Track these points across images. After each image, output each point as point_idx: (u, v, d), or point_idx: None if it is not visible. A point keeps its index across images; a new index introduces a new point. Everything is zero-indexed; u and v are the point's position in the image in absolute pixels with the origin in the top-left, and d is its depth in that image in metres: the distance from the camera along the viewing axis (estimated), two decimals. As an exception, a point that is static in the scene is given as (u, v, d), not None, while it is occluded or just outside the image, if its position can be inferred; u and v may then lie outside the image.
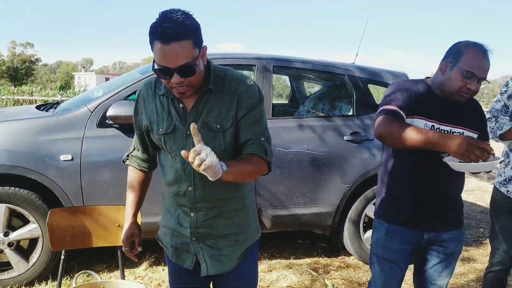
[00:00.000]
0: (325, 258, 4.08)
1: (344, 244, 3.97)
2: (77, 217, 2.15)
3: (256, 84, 1.61)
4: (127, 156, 1.82)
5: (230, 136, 1.54)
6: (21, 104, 16.22)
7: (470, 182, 8.00)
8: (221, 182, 1.40)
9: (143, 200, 1.87)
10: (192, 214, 1.60)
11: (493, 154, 1.85)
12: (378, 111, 1.98)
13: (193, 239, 1.63)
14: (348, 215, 3.82)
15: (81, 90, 24.03)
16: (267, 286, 3.44)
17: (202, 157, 1.21)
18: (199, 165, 1.21)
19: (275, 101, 6.82)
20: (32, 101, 16.99)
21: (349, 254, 4.08)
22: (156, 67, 1.42)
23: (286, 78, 5.36)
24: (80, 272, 2.12)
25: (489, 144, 1.74)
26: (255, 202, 1.78)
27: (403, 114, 1.90)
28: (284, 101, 6.18)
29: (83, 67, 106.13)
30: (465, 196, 6.83)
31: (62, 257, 2.11)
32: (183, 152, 1.23)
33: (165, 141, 1.58)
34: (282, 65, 3.90)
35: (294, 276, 3.65)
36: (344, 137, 3.73)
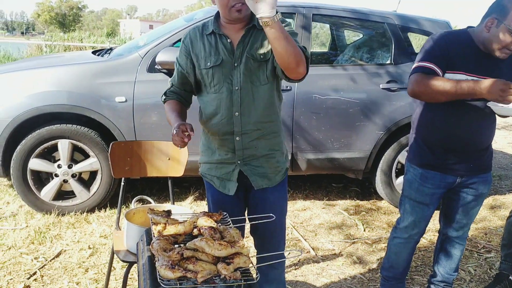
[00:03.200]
0: (357, 201, 4.31)
1: (376, 189, 4.17)
2: (133, 150, 2.46)
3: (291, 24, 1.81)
4: (165, 93, 1.97)
5: (271, 65, 1.78)
6: (71, 50, 16.88)
7: (514, 135, 7.86)
8: (267, 105, 1.77)
9: (185, 119, 1.91)
10: (237, 138, 1.85)
11: None
12: (413, 67, 2.06)
13: (239, 162, 1.88)
14: (381, 161, 3.99)
15: (128, 37, 24.50)
16: (301, 223, 3.74)
17: None
18: None
19: (315, 50, 6.86)
20: (81, 47, 17.61)
21: (381, 198, 4.28)
22: None
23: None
24: (137, 197, 2.45)
25: None
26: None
27: (438, 70, 1.98)
28: (325, 50, 6.22)
29: (128, 14, 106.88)
30: (507, 148, 6.78)
31: (122, 183, 2.44)
32: None
33: (213, 73, 1.81)
34: (322, 13, 3.98)
35: (326, 215, 3.92)
36: (380, 85, 3.82)
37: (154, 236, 1.51)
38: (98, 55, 4.18)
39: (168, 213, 1.74)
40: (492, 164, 2.28)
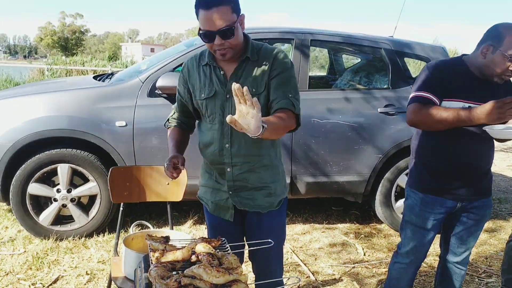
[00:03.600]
0: (357, 224, 4.29)
1: (376, 212, 4.16)
2: (133, 174, 2.47)
3: (287, 55, 1.83)
4: (168, 120, 2.06)
5: (264, 99, 1.78)
6: (72, 74, 17.06)
7: (513, 158, 7.88)
8: (254, 140, 1.66)
9: (184, 150, 1.98)
10: (228, 169, 1.86)
11: None
12: (411, 97, 2.10)
13: (230, 192, 1.89)
14: (381, 184, 3.99)
15: (129, 61, 24.78)
16: (300, 247, 3.71)
17: (253, 113, 1.40)
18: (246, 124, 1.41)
19: (314, 74, 6.95)
20: (83, 71, 17.78)
21: (381, 222, 4.27)
22: (201, 32, 1.69)
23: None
24: (135, 222, 2.44)
25: None
26: (282, 162, 2.00)
27: (435, 99, 2.01)
28: (323, 74, 6.30)
29: (130, 38, 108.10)
30: (506, 171, 6.78)
31: (121, 208, 2.44)
32: (228, 118, 1.40)
33: (207, 104, 1.84)
34: (319, 39, 4.04)
35: (326, 239, 3.90)
36: (378, 109, 3.86)
37: (152, 263, 1.51)
38: (99, 80, 4.23)
39: (166, 239, 1.73)
40: (492, 189, 2.29)
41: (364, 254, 3.61)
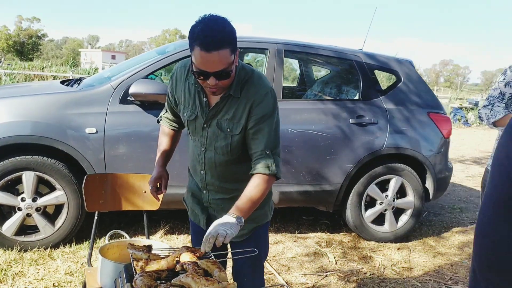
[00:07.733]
0: (328, 233, 4.33)
1: (346, 221, 4.22)
2: (108, 183, 2.40)
3: (273, 94, 1.73)
4: (160, 117, 2.04)
5: (237, 141, 1.73)
6: (32, 80, 16.46)
7: (470, 169, 8.22)
8: (228, 174, 1.75)
9: (173, 153, 2.06)
10: (204, 191, 1.88)
11: None
12: None
13: (208, 208, 1.91)
14: (351, 194, 4.06)
15: (91, 67, 24.17)
16: (273, 257, 3.71)
17: (221, 240, 1.49)
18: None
19: (287, 85, 7.02)
20: (43, 77, 17.19)
21: (351, 231, 4.33)
22: (194, 69, 1.59)
23: (293, 61, 5.58)
24: (111, 231, 2.37)
25: None
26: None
27: None
28: (292, 84, 6.38)
29: (89, 44, 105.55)
30: (465, 181, 7.06)
31: (96, 217, 2.36)
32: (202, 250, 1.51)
33: (189, 125, 1.83)
34: (293, 50, 4.10)
35: (298, 248, 3.91)
36: (350, 120, 3.94)
37: (135, 272, 1.46)
38: (67, 85, 4.09)
39: (149, 248, 1.69)
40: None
41: (336, 263, 3.65)
